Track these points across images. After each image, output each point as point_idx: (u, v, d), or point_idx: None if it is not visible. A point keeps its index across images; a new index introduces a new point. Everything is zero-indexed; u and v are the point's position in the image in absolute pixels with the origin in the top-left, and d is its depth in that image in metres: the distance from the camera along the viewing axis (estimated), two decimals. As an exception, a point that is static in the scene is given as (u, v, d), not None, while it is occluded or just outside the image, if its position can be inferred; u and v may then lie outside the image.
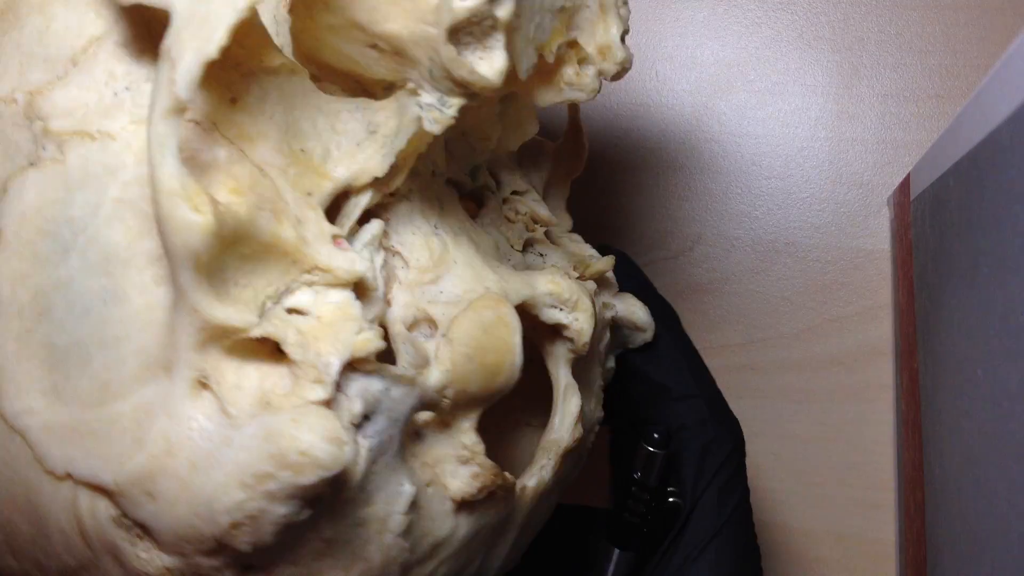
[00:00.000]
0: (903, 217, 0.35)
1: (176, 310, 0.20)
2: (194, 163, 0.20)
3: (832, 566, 0.36)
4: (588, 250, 0.28)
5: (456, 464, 0.22)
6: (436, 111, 0.22)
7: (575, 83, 0.24)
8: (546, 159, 0.29)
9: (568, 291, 0.24)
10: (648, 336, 0.29)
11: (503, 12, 0.21)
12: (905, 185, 0.35)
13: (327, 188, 0.22)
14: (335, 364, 0.20)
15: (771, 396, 0.37)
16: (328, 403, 0.19)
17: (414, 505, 0.21)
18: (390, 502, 0.21)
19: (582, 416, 0.25)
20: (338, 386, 0.20)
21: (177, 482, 0.20)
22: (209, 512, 0.19)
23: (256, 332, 0.20)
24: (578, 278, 0.26)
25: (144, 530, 0.20)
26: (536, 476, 0.24)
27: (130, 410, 0.21)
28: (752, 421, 0.36)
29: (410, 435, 0.22)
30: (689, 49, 0.39)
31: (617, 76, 0.25)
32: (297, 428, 0.19)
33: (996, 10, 0.38)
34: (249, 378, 0.20)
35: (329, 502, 0.20)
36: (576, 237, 0.29)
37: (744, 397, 0.37)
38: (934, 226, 0.30)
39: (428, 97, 0.22)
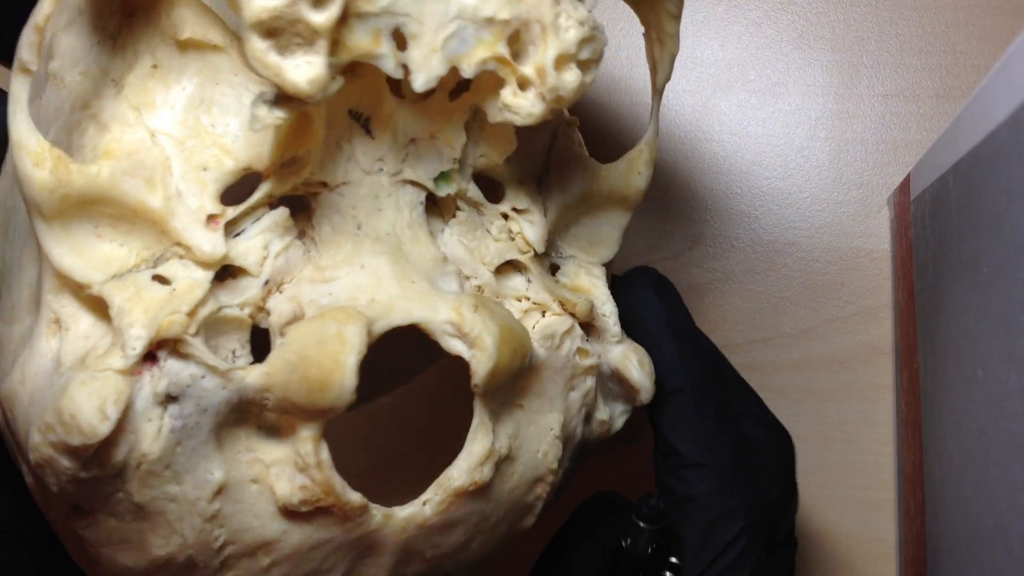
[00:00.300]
0: (903, 217, 0.35)
1: (41, 253, 0.22)
2: (96, 120, 0.22)
3: (832, 566, 0.36)
4: (599, 288, 0.26)
5: (292, 470, 0.22)
6: (262, 109, 0.21)
7: (510, 105, 0.22)
8: (578, 179, 0.27)
9: (470, 324, 0.22)
10: (644, 397, 0.26)
11: (320, 18, 0.20)
12: (905, 185, 0.35)
13: (227, 165, 0.22)
14: (139, 337, 0.21)
15: (771, 396, 0.37)
16: (127, 373, 0.20)
17: (226, 496, 0.22)
18: (199, 487, 0.21)
19: (499, 461, 0.23)
20: (155, 360, 0.21)
21: (21, 410, 0.22)
22: (28, 446, 0.21)
23: (94, 290, 0.21)
24: (571, 315, 0.25)
25: (17, 441, 0.22)
26: (412, 508, 0.23)
27: (17, 335, 0.23)
28: (752, 421, 0.36)
29: (261, 429, 0.22)
30: (689, 49, 0.39)
31: (558, 104, 0.22)
32: (79, 391, 0.20)
33: (996, 10, 0.38)
34: (93, 332, 0.22)
35: (132, 469, 0.21)
36: (596, 271, 0.27)
37: (744, 397, 0.37)
38: (934, 226, 0.30)
39: (269, 93, 0.21)
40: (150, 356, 0.21)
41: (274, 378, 0.21)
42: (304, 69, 0.20)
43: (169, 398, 0.21)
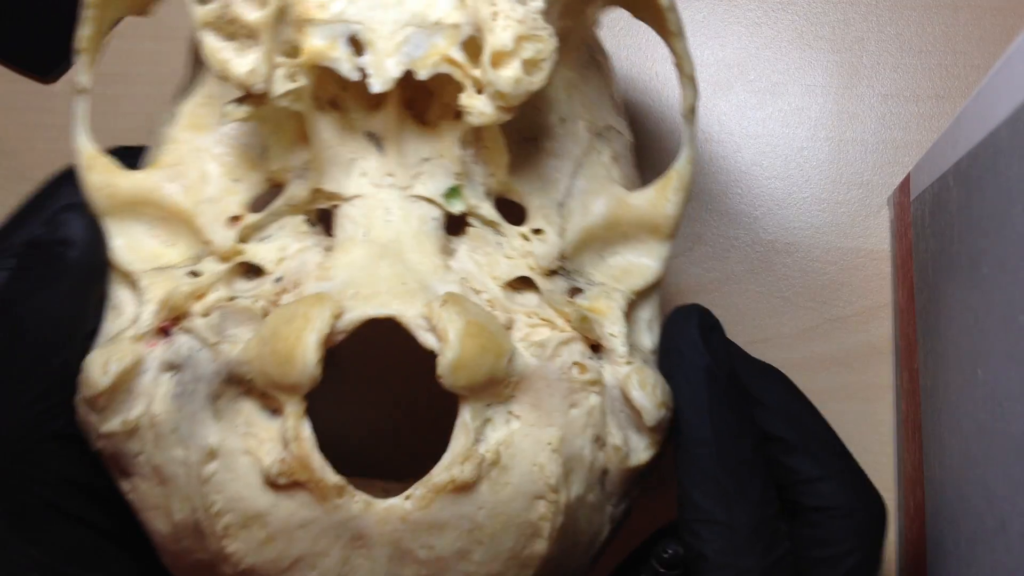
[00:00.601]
0: (903, 217, 0.35)
1: None
2: (162, 141, 0.27)
3: (832, 566, 0.36)
4: (613, 310, 0.26)
5: (278, 444, 0.23)
6: (230, 106, 0.24)
7: (466, 106, 0.24)
8: (600, 205, 0.27)
9: (436, 317, 0.23)
10: (647, 419, 0.25)
11: (254, 16, 0.23)
12: (905, 185, 0.35)
13: (255, 177, 0.26)
14: (151, 312, 0.25)
15: (771, 396, 0.37)
16: (137, 341, 0.24)
17: (220, 463, 0.23)
18: (197, 452, 0.24)
19: (486, 464, 0.23)
20: (168, 334, 0.25)
21: None
22: None
23: (133, 277, 0.26)
24: (579, 332, 0.25)
25: None
26: (394, 500, 0.23)
27: None
28: (752, 421, 0.36)
29: (265, 409, 0.24)
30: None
31: (503, 100, 0.23)
32: (96, 354, 0.24)
33: (996, 10, 0.38)
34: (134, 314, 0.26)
35: (146, 429, 0.24)
36: (616, 295, 0.26)
37: (744, 397, 0.37)
38: (934, 226, 0.30)
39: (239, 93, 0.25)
40: (165, 331, 0.25)
41: (251, 352, 0.23)
42: (246, 63, 0.23)
43: (173, 366, 0.24)
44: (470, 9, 0.23)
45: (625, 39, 0.40)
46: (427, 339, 0.23)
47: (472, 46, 0.24)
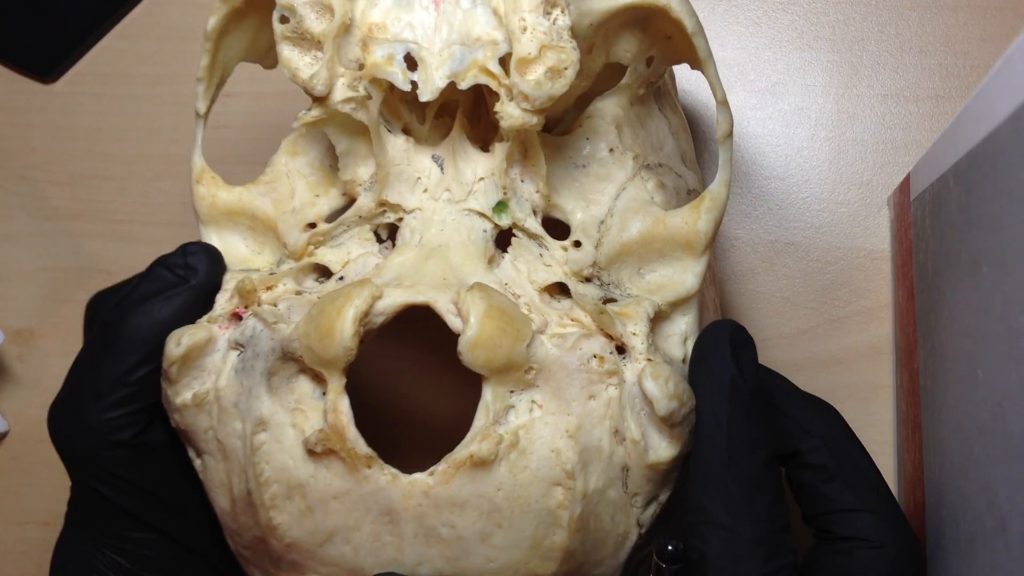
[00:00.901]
0: (903, 217, 0.35)
1: None
2: (265, 167, 0.30)
3: (832, 566, 0.36)
4: (638, 313, 0.27)
5: (319, 417, 0.26)
6: (302, 112, 0.28)
7: (498, 112, 0.26)
8: (637, 222, 0.29)
9: (461, 300, 0.25)
10: (658, 409, 0.26)
11: (319, 28, 0.27)
12: (905, 185, 0.35)
13: (333, 193, 0.30)
14: (223, 297, 0.29)
15: (771, 396, 0.37)
16: (212, 322, 0.28)
17: (270, 434, 0.26)
18: (251, 423, 0.26)
19: (505, 445, 0.25)
20: (240, 318, 0.28)
21: None
22: None
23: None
24: (609, 339, 0.26)
25: None
26: (418, 475, 0.25)
27: None
28: (752, 421, 0.36)
29: (317, 390, 0.26)
30: (689, 49, 0.39)
31: (527, 102, 0.26)
32: (175, 334, 0.27)
33: (996, 10, 0.38)
34: None
35: (212, 403, 0.27)
36: (645, 303, 0.27)
37: (744, 397, 0.37)
38: (934, 226, 0.30)
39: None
40: (238, 316, 0.28)
41: (299, 329, 0.26)
42: (311, 68, 0.27)
43: (239, 345, 0.27)
44: (505, 26, 0.26)
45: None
46: (455, 322, 0.25)
47: (509, 61, 0.26)
